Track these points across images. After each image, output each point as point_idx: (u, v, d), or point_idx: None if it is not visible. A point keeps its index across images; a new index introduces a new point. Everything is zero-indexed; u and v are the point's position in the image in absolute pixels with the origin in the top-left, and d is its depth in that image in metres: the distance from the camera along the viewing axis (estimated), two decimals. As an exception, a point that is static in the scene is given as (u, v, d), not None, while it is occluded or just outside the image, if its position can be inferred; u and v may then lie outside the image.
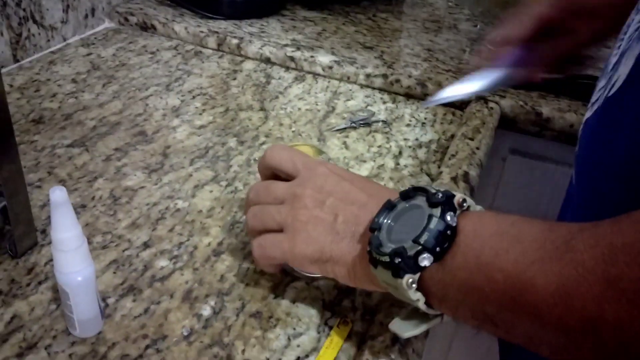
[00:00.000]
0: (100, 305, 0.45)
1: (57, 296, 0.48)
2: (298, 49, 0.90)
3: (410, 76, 0.85)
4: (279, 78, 0.87)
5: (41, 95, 0.77)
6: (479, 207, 0.39)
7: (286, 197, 0.46)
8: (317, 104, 0.81)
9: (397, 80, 0.85)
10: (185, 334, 0.46)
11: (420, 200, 0.39)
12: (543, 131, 0.81)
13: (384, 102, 0.83)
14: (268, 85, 0.85)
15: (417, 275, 0.37)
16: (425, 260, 0.36)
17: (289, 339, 0.47)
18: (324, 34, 0.99)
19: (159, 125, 0.73)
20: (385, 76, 0.85)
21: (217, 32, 0.94)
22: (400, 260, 0.36)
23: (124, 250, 0.54)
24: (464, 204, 0.38)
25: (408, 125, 0.77)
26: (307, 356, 0.45)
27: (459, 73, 0.87)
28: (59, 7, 0.88)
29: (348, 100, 0.82)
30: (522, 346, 0.35)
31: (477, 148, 0.70)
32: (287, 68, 0.89)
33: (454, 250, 0.36)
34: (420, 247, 0.36)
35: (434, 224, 0.36)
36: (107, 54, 0.89)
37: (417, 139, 0.74)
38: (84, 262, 0.42)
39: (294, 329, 0.47)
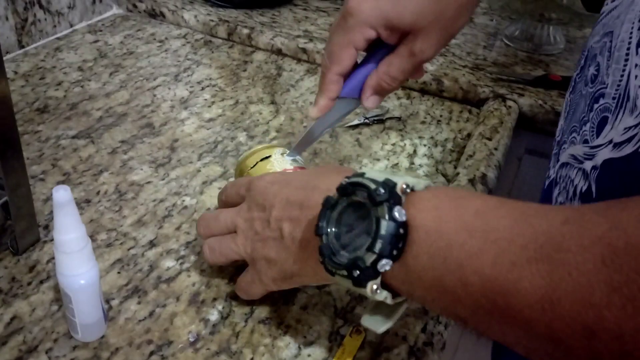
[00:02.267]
0: (103, 308, 0.43)
1: (59, 296, 0.46)
2: (310, 40, 0.88)
3: (425, 71, 0.82)
4: (291, 70, 0.84)
5: (46, 83, 0.75)
6: (423, 183, 0.36)
7: (238, 225, 0.45)
8: (329, 98, 0.78)
9: (412, 76, 0.82)
10: (192, 339, 0.44)
11: (362, 197, 0.36)
12: (562, 131, 0.79)
13: (398, 98, 0.80)
14: (279, 77, 0.82)
15: (379, 279, 0.35)
16: (385, 266, 0.34)
17: (299, 347, 0.45)
18: (337, 25, 0.96)
19: (166, 117, 0.71)
20: (400, 71, 0.83)
21: (227, 21, 0.91)
22: (358, 272, 0.34)
23: (129, 249, 0.52)
24: (407, 190, 0.35)
25: (423, 122, 0.75)
26: (318, 366, 0.44)
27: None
28: (66, -8, 0.85)
29: (361, 95, 0.80)
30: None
31: (495, 149, 0.68)
32: (299, 60, 0.87)
33: (415, 249, 0.33)
34: (376, 255, 0.34)
35: (385, 227, 0.33)
36: (114, 41, 0.87)
37: (432, 137, 0.72)
38: (87, 265, 0.40)
39: (305, 337, 0.46)
